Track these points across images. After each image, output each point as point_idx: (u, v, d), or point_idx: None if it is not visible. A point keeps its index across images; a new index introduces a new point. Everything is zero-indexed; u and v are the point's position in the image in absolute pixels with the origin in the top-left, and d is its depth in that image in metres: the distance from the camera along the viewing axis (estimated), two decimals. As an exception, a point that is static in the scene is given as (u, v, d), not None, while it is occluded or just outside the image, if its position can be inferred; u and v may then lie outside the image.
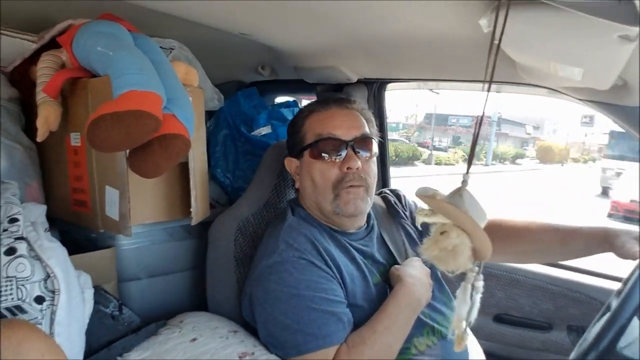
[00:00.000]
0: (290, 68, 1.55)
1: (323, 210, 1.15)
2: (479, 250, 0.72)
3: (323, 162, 1.11)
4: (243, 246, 1.24)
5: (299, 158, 1.18)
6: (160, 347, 1.01)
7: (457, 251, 0.70)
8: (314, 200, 1.16)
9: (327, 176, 1.11)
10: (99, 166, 1.12)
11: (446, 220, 0.72)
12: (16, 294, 0.83)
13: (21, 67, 1.20)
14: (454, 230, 0.70)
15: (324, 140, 1.12)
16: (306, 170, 1.15)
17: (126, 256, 1.22)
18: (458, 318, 0.77)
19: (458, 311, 0.77)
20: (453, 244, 0.70)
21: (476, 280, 0.75)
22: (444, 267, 0.72)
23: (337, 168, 1.11)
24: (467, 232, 0.70)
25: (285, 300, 1.01)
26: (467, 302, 0.75)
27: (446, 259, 0.71)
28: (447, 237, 0.71)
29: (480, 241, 0.71)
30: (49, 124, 1.07)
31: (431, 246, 0.73)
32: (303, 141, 1.16)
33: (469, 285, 0.75)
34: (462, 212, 0.68)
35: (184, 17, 1.11)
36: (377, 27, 1.11)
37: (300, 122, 1.19)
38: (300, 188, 1.19)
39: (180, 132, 1.00)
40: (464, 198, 0.68)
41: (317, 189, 1.13)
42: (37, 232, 0.91)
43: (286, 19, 1.12)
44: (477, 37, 0.97)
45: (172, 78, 1.07)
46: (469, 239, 0.70)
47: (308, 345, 0.98)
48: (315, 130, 1.14)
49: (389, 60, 1.40)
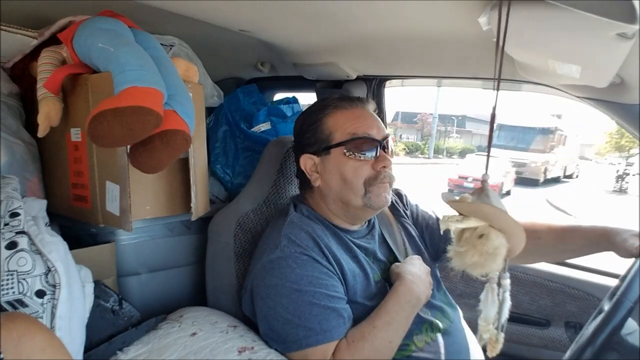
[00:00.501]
0: (290, 65, 1.56)
1: (349, 205, 1.14)
2: (512, 247, 0.69)
3: (357, 161, 1.11)
4: (243, 242, 1.24)
5: (320, 155, 1.15)
6: (160, 341, 1.01)
7: (497, 253, 0.68)
8: (339, 197, 1.14)
9: (359, 174, 1.11)
10: (99, 161, 1.12)
11: (480, 223, 0.69)
12: (17, 287, 0.83)
13: (21, 63, 1.20)
14: (492, 232, 0.68)
15: (359, 139, 1.11)
16: (334, 168, 1.13)
17: (126, 251, 1.23)
18: (485, 321, 0.74)
19: (485, 314, 0.74)
20: (494, 246, 0.68)
21: (503, 279, 0.72)
22: (481, 271, 0.69)
23: (370, 166, 1.12)
24: (505, 230, 0.68)
25: (286, 295, 1.01)
26: (495, 302, 0.72)
27: (485, 263, 0.68)
28: (487, 240, 0.68)
29: (516, 237, 0.69)
30: (50, 120, 1.07)
31: (469, 252, 0.69)
32: (330, 139, 1.14)
33: (494, 284, 0.73)
34: (500, 210, 0.66)
35: (183, 14, 1.12)
36: (377, 24, 1.11)
37: (320, 119, 1.16)
38: (322, 185, 1.16)
39: (180, 128, 1.01)
40: (491, 197, 0.67)
41: (347, 186, 1.12)
42: (38, 226, 0.92)
43: (286, 16, 1.12)
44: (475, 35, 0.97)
45: (173, 74, 1.07)
46: (505, 239, 0.68)
47: (308, 340, 0.99)
48: (347, 128, 1.13)
49: (388, 57, 1.41)
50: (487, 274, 0.71)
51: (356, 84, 1.62)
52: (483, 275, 0.71)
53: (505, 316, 0.75)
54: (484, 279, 0.72)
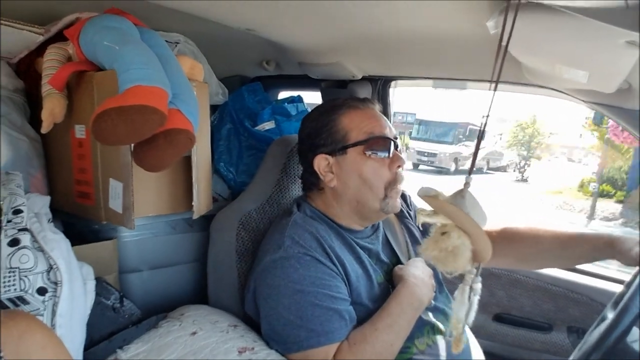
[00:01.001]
0: (295, 63, 1.55)
1: (365, 206, 1.13)
2: (479, 252, 0.72)
3: (374, 160, 1.11)
4: (245, 241, 1.24)
5: (336, 156, 1.14)
6: (161, 340, 1.01)
7: (457, 252, 0.70)
8: (355, 198, 1.13)
9: (379, 174, 1.11)
10: (103, 159, 1.12)
11: (447, 221, 0.72)
12: (19, 284, 0.83)
13: (27, 59, 1.21)
14: (454, 231, 0.71)
15: (377, 138, 1.11)
16: (352, 168, 1.12)
17: (128, 248, 1.23)
18: (456, 320, 0.77)
19: (456, 313, 0.77)
20: (453, 245, 0.70)
21: (474, 283, 0.75)
22: (443, 267, 0.73)
23: (387, 167, 1.12)
24: (468, 234, 0.70)
25: (288, 295, 1.01)
26: (465, 303, 0.75)
27: (446, 259, 0.71)
28: (448, 238, 0.71)
29: (481, 243, 0.71)
30: (54, 116, 1.08)
31: (431, 246, 0.73)
32: (346, 139, 1.13)
33: (467, 287, 0.75)
34: (463, 213, 0.68)
35: (190, 12, 1.11)
36: (383, 25, 1.10)
37: (334, 119, 1.15)
38: (338, 186, 1.14)
39: (185, 127, 1.01)
40: (466, 199, 0.68)
41: (367, 186, 1.11)
42: (40, 223, 0.92)
43: (292, 15, 1.11)
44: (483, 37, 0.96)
45: (178, 73, 1.07)
46: (469, 241, 0.70)
47: (310, 341, 0.99)
48: (363, 128, 1.12)
49: (394, 58, 1.40)
50: (451, 272, 0.74)
51: (361, 84, 1.62)
52: (448, 273, 0.74)
53: (471, 318, 0.77)
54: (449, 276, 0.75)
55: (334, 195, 1.17)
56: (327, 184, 1.15)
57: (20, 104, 1.22)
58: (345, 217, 1.17)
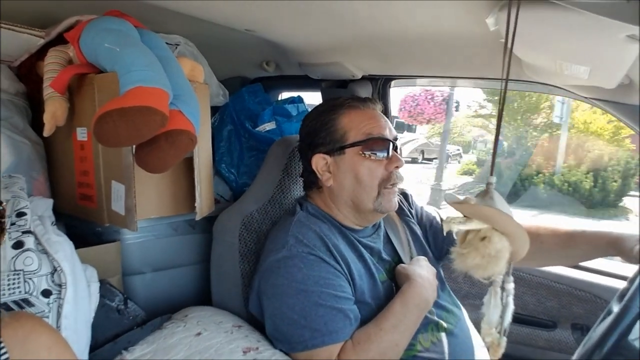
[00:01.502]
0: (295, 64, 1.55)
1: (360, 206, 1.14)
2: (516, 251, 0.69)
3: (372, 161, 1.12)
4: (248, 241, 1.24)
5: (333, 155, 1.15)
6: (165, 341, 1.02)
7: (500, 256, 0.67)
8: (350, 198, 1.14)
9: (374, 174, 1.12)
10: (105, 161, 1.12)
11: (483, 226, 0.69)
12: (23, 287, 0.83)
13: (28, 62, 1.21)
14: (495, 235, 0.68)
15: (375, 139, 1.12)
16: (349, 168, 1.13)
17: (131, 250, 1.23)
18: (488, 325, 0.73)
19: (488, 317, 0.73)
20: (496, 249, 0.67)
21: (506, 282, 0.71)
22: (483, 274, 0.69)
23: (384, 167, 1.12)
24: (508, 234, 0.68)
25: (293, 295, 1.01)
26: (498, 306, 0.72)
27: (488, 265, 0.68)
28: (490, 242, 0.67)
29: (519, 241, 0.68)
30: (56, 119, 1.08)
31: (471, 254, 0.69)
32: (345, 139, 1.13)
33: (499, 288, 0.72)
34: (502, 213, 0.65)
35: (189, 14, 1.11)
36: (383, 24, 1.10)
37: (334, 119, 1.15)
38: (334, 185, 1.15)
39: (186, 128, 1.01)
40: (495, 199, 0.66)
41: (361, 186, 1.12)
42: (44, 225, 0.92)
43: (292, 15, 1.11)
44: (483, 35, 0.96)
45: (179, 74, 1.07)
46: (508, 242, 0.68)
47: (314, 341, 0.99)
48: (362, 128, 1.13)
49: (394, 57, 1.40)
50: (489, 277, 0.70)
51: (361, 84, 1.62)
52: (485, 278, 0.70)
53: (508, 320, 0.74)
54: (486, 281, 0.72)
55: (330, 195, 1.17)
56: (324, 183, 1.16)
57: (21, 108, 1.22)
58: (343, 217, 1.17)
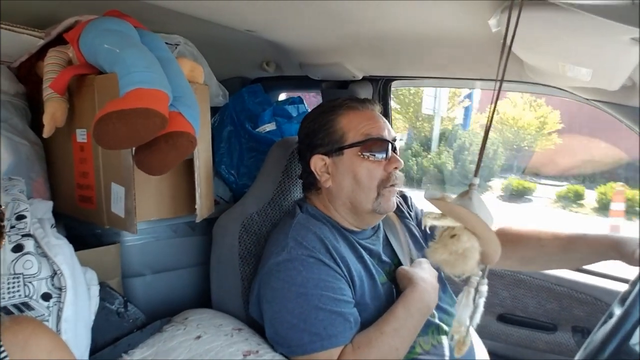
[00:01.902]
0: (295, 64, 1.55)
1: (358, 208, 1.13)
2: (488, 254, 0.70)
3: (370, 162, 1.11)
4: (247, 244, 1.24)
5: (332, 156, 1.14)
6: (165, 344, 1.01)
7: (467, 255, 0.69)
8: (349, 199, 1.13)
9: (373, 175, 1.11)
10: (105, 163, 1.12)
11: (456, 224, 0.70)
12: (23, 290, 0.83)
13: (28, 63, 1.20)
14: (464, 234, 0.69)
15: (373, 140, 1.11)
16: (347, 169, 1.12)
17: (131, 252, 1.22)
18: (459, 322, 0.75)
19: (459, 315, 0.75)
20: (464, 247, 0.69)
21: (480, 285, 0.74)
22: (452, 270, 0.71)
23: (382, 168, 1.12)
24: (478, 235, 0.69)
25: (292, 298, 1.01)
26: (469, 306, 0.74)
27: (455, 262, 0.70)
28: (458, 241, 0.69)
29: (490, 245, 0.69)
30: (56, 120, 1.07)
31: (440, 249, 0.71)
32: (343, 139, 1.13)
33: (472, 289, 0.74)
34: (473, 215, 0.66)
35: (190, 14, 1.11)
36: (383, 25, 1.10)
37: (332, 119, 1.15)
38: (332, 186, 1.14)
39: (186, 130, 1.00)
40: (473, 201, 0.67)
41: (360, 187, 1.12)
42: (44, 229, 0.92)
43: (292, 16, 1.11)
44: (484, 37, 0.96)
45: (178, 75, 1.07)
46: (478, 243, 0.69)
47: (314, 345, 0.98)
48: (361, 129, 1.12)
49: (395, 58, 1.40)
50: (459, 275, 0.72)
51: (362, 85, 1.61)
52: (456, 276, 0.72)
53: (476, 321, 0.76)
54: (457, 279, 0.73)
55: (329, 196, 1.17)
56: (322, 184, 1.15)
57: (21, 108, 1.22)
58: (342, 219, 1.17)
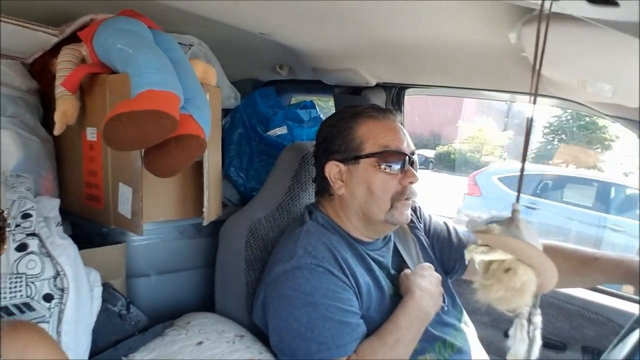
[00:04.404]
0: (309, 68, 1.53)
1: (370, 218, 1.12)
2: (543, 284, 0.66)
3: (386, 174, 1.09)
4: (254, 248, 1.22)
5: (348, 164, 1.12)
6: (166, 348, 1.00)
7: (525, 289, 0.63)
8: (361, 209, 1.12)
9: (387, 187, 1.09)
10: (113, 163, 1.11)
11: (506, 257, 0.65)
12: (25, 291, 0.82)
13: (41, 59, 1.20)
14: (520, 267, 0.64)
15: (391, 152, 1.09)
16: (362, 179, 1.10)
17: (136, 252, 1.22)
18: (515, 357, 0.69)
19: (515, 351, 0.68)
20: (521, 282, 0.63)
21: (533, 315, 0.68)
22: (507, 307, 0.65)
23: (398, 181, 1.10)
24: (534, 266, 0.64)
25: (300, 307, 0.99)
26: (524, 340, 0.69)
27: (512, 299, 0.64)
28: (515, 275, 0.64)
29: (547, 273, 0.65)
30: (67, 118, 1.07)
31: (495, 286, 0.65)
32: (360, 149, 1.11)
33: (525, 320, 0.69)
34: (527, 245, 0.62)
35: (204, 16, 1.10)
36: (399, 32, 1.08)
37: (351, 127, 1.13)
38: (345, 194, 1.13)
39: (196, 133, 0.99)
40: (521, 229, 0.63)
41: (373, 198, 1.10)
42: (49, 228, 0.91)
43: (307, 20, 1.10)
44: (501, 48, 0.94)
45: (191, 77, 1.06)
46: (534, 274, 0.65)
47: (321, 354, 0.96)
48: (379, 140, 1.10)
49: (409, 66, 1.38)
50: (514, 310, 0.67)
51: (375, 91, 1.59)
52: (510, 311, 0.67)
53: (535, 355, 0.69)
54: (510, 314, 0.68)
55: (341, 204, 1.15)
56: (335, 191, 1.14)
57: (33, 105, 1.22)
58: (353, 228, 1.15)
